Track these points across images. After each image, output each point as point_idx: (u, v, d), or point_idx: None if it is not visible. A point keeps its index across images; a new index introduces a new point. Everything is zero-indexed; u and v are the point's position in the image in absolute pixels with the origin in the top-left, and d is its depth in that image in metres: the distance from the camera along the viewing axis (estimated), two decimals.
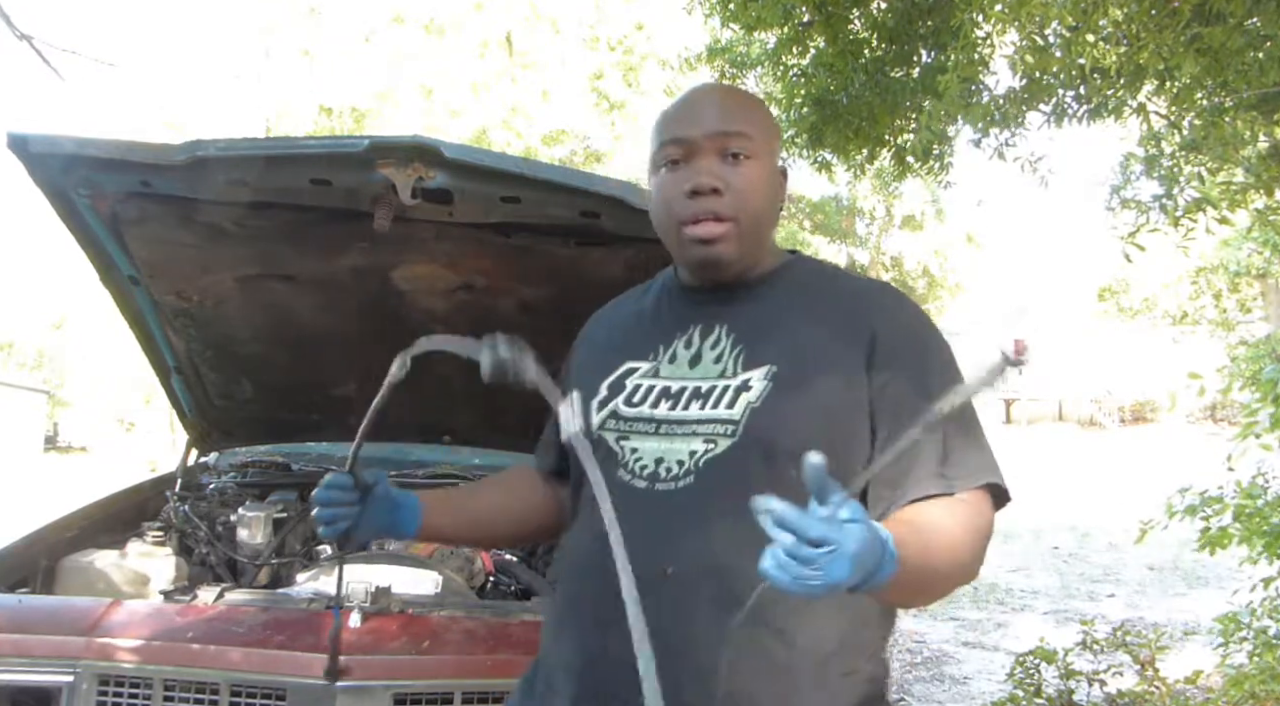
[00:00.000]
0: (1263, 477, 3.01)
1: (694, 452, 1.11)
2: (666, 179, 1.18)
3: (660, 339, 1.22)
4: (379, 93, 14.04)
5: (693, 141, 1.16)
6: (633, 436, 1.17)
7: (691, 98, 1.24)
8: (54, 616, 1.84)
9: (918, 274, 26.07)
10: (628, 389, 1.20)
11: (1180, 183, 3.35)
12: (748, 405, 1.11)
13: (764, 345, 1.16)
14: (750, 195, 1.16)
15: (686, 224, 1.15)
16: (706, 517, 1.09)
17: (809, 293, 1.21)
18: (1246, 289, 18.52)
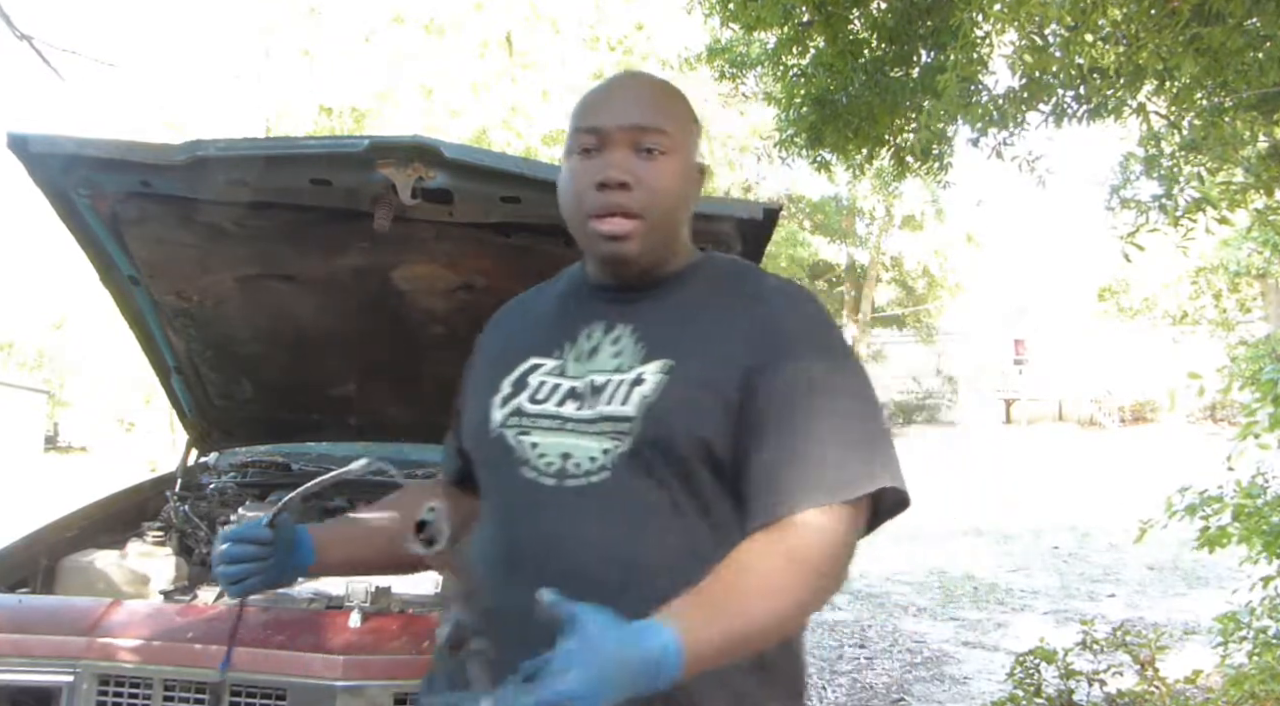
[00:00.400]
0: (1262, 477, 3.01)
1: (606, 450, 1.08)
2: (577, 167, 1.14)
3: (565, 336, 1.19)
4: (379, 93, 14.04)
5: (606, 132, 1.12)
6: (534, 432, 1.13)
7: (611, 86, 1.22)
8: (54, 616, 1.85)
9: (918, 274, 26.07)
10: (531, 386, 1.17)
11: (1180, 183, 3.35)
12: (642, 399, 1.09)
13: (663, 340, 1.13)
14: (661, 192, 1.13)
15: (593, 217, 1.12)
16: (616, 514, 1.07)
17: (717, 291, 1.19)
18: (1246, 289, 18.53)
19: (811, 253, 23.96)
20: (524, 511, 1.11)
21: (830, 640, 5.48)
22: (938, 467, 16.26)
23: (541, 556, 1.07)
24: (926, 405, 26.04)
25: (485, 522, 1.19)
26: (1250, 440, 2.85)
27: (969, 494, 12.57)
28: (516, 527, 1.12)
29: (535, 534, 1.09)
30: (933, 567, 7.81)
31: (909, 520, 4.38)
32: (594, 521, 1.07)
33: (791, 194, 23.04)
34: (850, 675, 4.81)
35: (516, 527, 1.12)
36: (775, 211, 1.97)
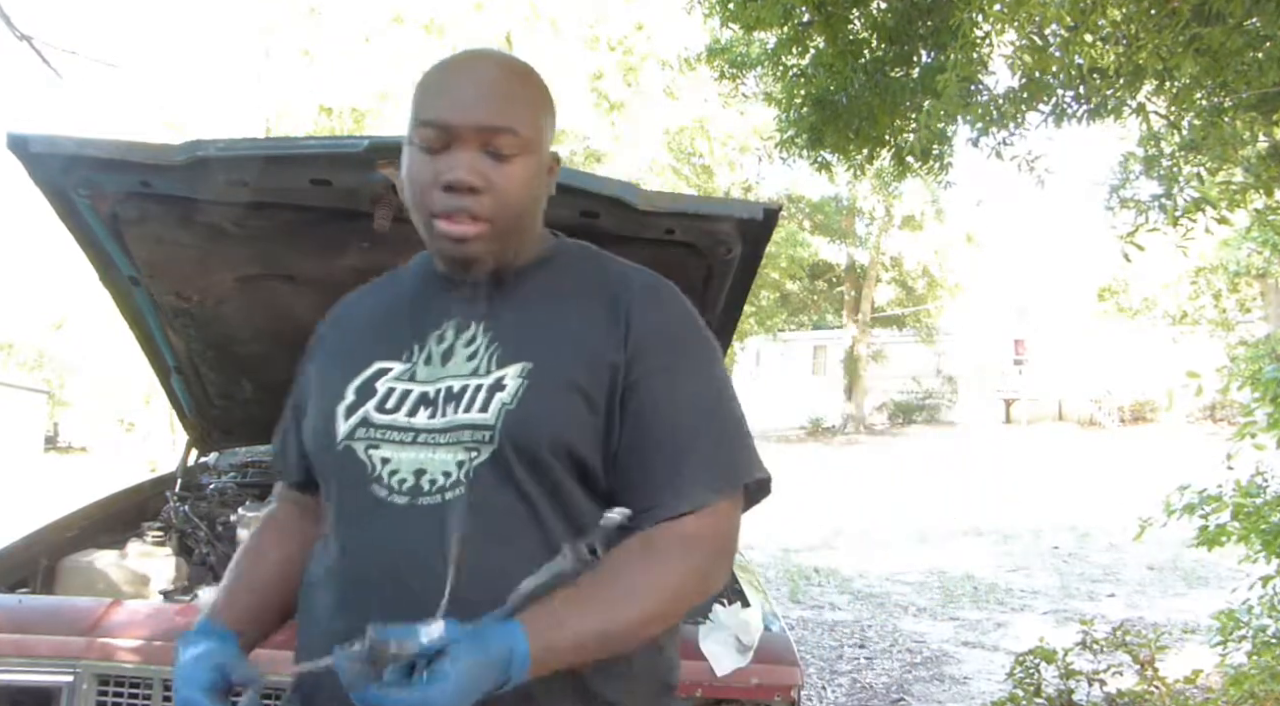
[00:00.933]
0: (1261, 476, 3.01)
1: (461, 463, 1.02)
2: (420, 161, 1.05)
3: (414, 337, 1.11)
4: (379, 93, 14.05)
5: (453, 129, 1.03)
6: (384, 445, 1.05)
7: (458, 73, 1.08)
8: (54, 616, 1.85)
9: (918, 274, 26.08)
10: (379, 393, 1.08)
11: (1180, 183, 3.36)
12: (501, 406, 1.03)
13: (520, 340, 1.07)
14: (511, 195, 1.05)
15: (438, 217, 1.04)
16: (476, 531, 1.00)
17: (571, 280, 1.13)
18: (1246, 289, 18.54)
19: (811, 253, 23.97)
20: (373, 532, 1.03)
21: (830, 640, 5.49)
22: (938, 467, 16.27)
23: (395, 580, 1.00)
24: (926, 405, 26.05)
25: (328, 540, 1.10)
26: (1248, 440, 2.85)
27: (969, 494, 12.58)
28: (364, 549, 1.04)
29: (386, 557, 1.02)
30: (933, 567, 7.81)
31: (909, 520, 4.43)
32: (452, 538, 0.99)
33: (791, 194, 23.06)
34: (850, 675, 4.81)
35: (364, 549, 1.04)
36: (775, 211, 1.97)
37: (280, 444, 1.27)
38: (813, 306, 27.47)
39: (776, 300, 24.86)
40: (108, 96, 16.26)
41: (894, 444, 21.82)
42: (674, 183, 17.10)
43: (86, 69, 3.72)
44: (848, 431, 24.10)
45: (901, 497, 12.29)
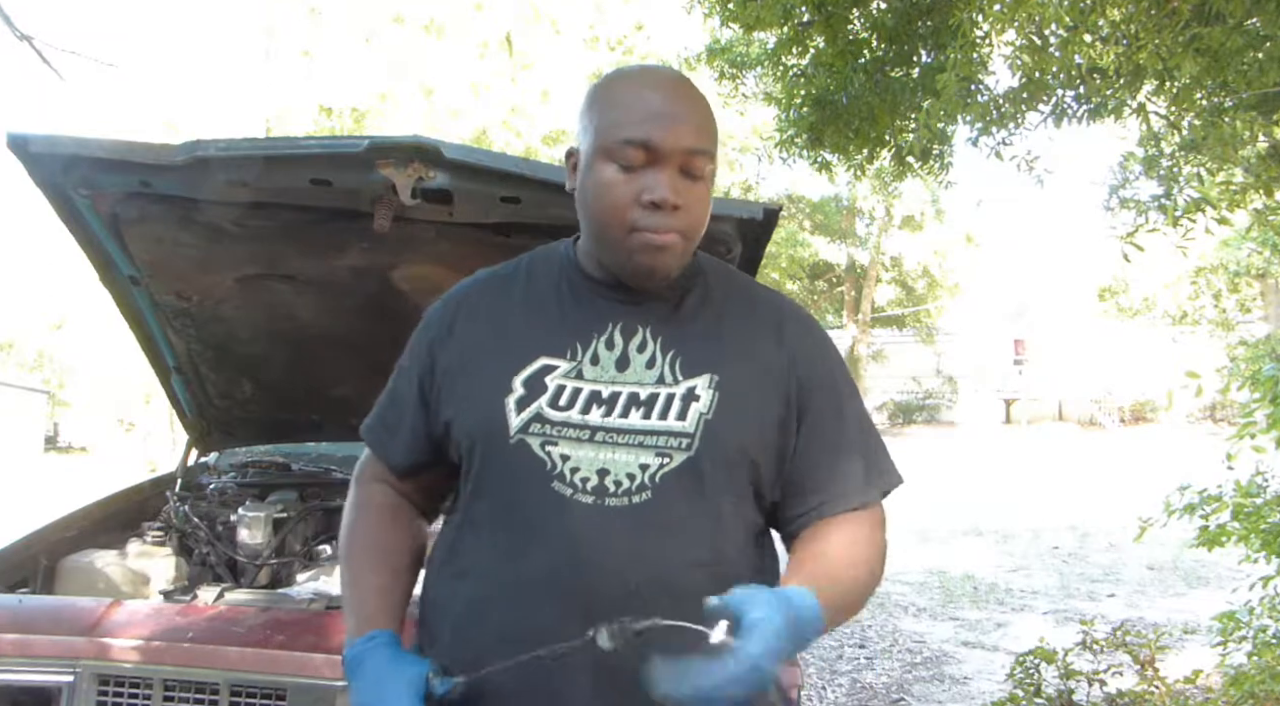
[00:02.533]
0: (1261, 476, 3.01)
1: (645, 466, 1.06)
2: (618, 179, 1.08)
3: (575, 336, 1.13)
4: (379, 93, 14.04)
5: (662, 152, 1.07)
6: (561, 442, 1.07)
7: (661, 93, 1.11)
8: (54, 616, 1.85)
9: (918, 274, 26.09)
10: (550, 389, 1.10)
11: (1179, 183, 3.36)
12: (700, 416, 1.08)
13: (697, 351, 1.12)
14: (702, 216, 1.12)
15: (635, 232, 1.08)
16: (667, 533, 1.05)
17: (726, 298, 1.19)
18: (1246, 289, 18.55)
19: (812, 253, 23.99)
20: (558, 529, 1.05)
21: (830, 640, 5.48)
22: (938, 467, 16.27)
23: (579, 579, 1.03)
24: (926, 405, 26.06)
25: (494, 534, 1.10)
26: (1247, 440, 2.85)
27: (969, 494, 12.58)
28: (548, 546, 1.05)
29: (574, 555, 1.04)
30: (933, 567, 7.81)
31: (909, 520, 4.43)
32: (637, 541, 1.04)
33: (791, 194, 23.06)
34: (850, 675, 4.81)
35: (548, 546, 1.05)
36: (775, 211, 1.97)
37: (390, 421, 1.24)
38: (813, 306, 27.46)
39: None
40: (108, 96, 16.26)
41: (894, 444, 21.56)
42: None
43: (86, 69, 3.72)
44: None
45: (901, 497, 12.25)
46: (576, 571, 1.03)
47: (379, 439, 1.25)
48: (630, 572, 1.03)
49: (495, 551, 1.09)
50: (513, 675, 1.01)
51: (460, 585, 1.11)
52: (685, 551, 1.06)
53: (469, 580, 1.11)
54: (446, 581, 1.14)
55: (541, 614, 1.04)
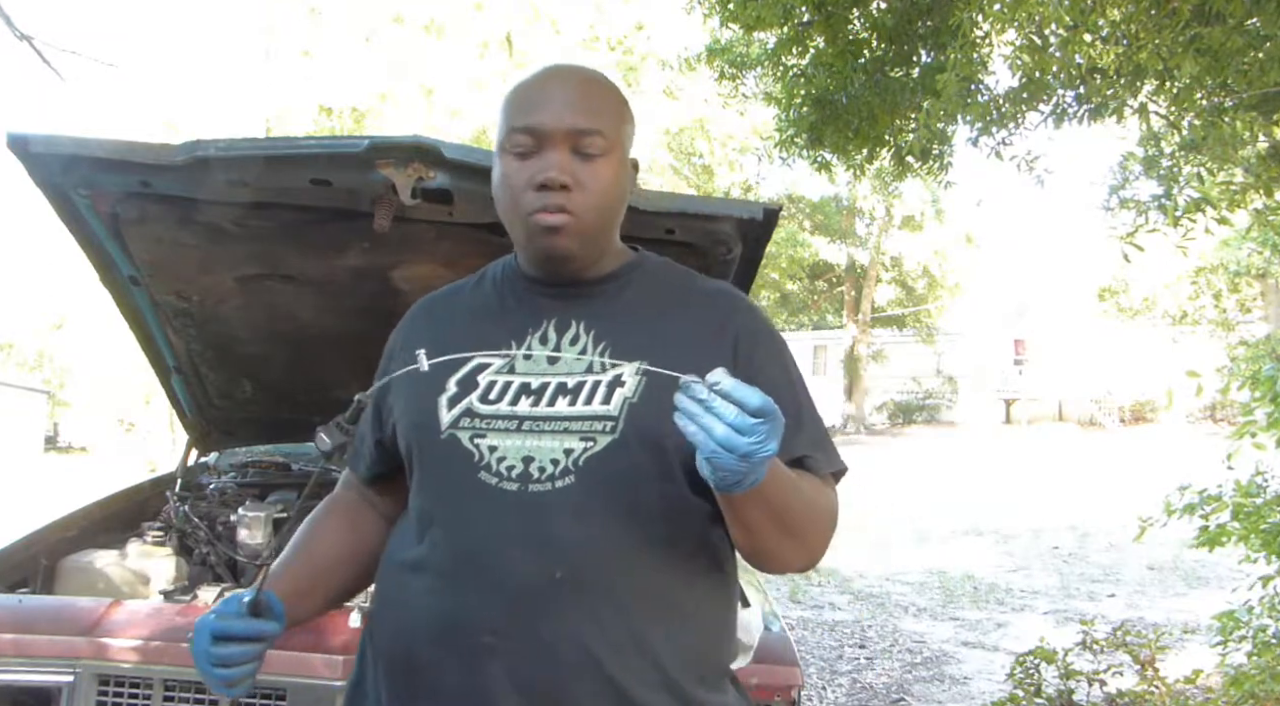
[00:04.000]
0: (1261, 476, 3.01)
1: (569, 450, 1.07)
2: (514, 167, 1.12)
3: (511, 334, 1.16)
4: (379, 93, 14.05)
5: (544, 133, 1.10)
6: (490, 434, 1.10)
7: (546, 83, 1.15)
8: (54, 616, 1.84)
9: (918, 274, 26.09)
10: (481, 385, 1.13)
11: (1180, 183, 3.36)
12: (625, 400, 1.09)
13: (628, 340, 1.13)
14: (598, 194, 1.12)
15: (532, 214, 1.11)
16: (591, 517, 1.05)
17: (663, 289, 1.21)
18: (1246, 289, 18.56)
19: (812, 253, 23.99)
20: (482, 517, 1.07)
21: (830, 640, 5.49)
22: (938, 467, 16.27)
23: (502, 564, 1.05)
24: (926, 405, 26.06)
25: (422, 526, 1.13)
26: (1247, 439, 2.85)
27: (969, 494, 12.58)
28: (472, 534, 1.08)
29: (496, 541, 1.05)
30: (933, 567, 7.81)
31: (909, 520, 4.43)
32: (561, 526, 1.05)
33: (791, 194, 23.07)
34: (850, 675, 4.81)
35: (472, 534, 1.08)
36: (775, 211, 1.97)
37: (356, 441, 1.28)
38: (813, 306, 27.48)
39: (777, 300, 24.88)
40: (108, 96, 16.26)
41: (894, 444, 21.82)
42: (674, 183, 17.11)
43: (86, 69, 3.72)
44: (848, 431, 24.11)
45: (901, 497, 12.29)
46: (499, 558, 1.05)
47: (351, 457, 1.32)
48: (553, 557, 1.04)
49: (427, 544, 1.11)
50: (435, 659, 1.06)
51: (398, 578, 1.14)
52: (610, 533, 1.06)
53: (405, 573, 1.13)
54: (387, 575, 1.17)
55: (467, 602, 1.05)
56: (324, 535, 1.27)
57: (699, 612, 1.13)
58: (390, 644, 1.12)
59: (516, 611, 1.03)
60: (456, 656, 1.05)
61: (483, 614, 1.04)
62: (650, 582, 1.07)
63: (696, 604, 1.12)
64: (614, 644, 1.04)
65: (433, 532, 1.11)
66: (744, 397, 0.88)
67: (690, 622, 1.11)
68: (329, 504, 1.32)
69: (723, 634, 1.18)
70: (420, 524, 1.14)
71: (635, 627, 1.06)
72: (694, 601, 1.12)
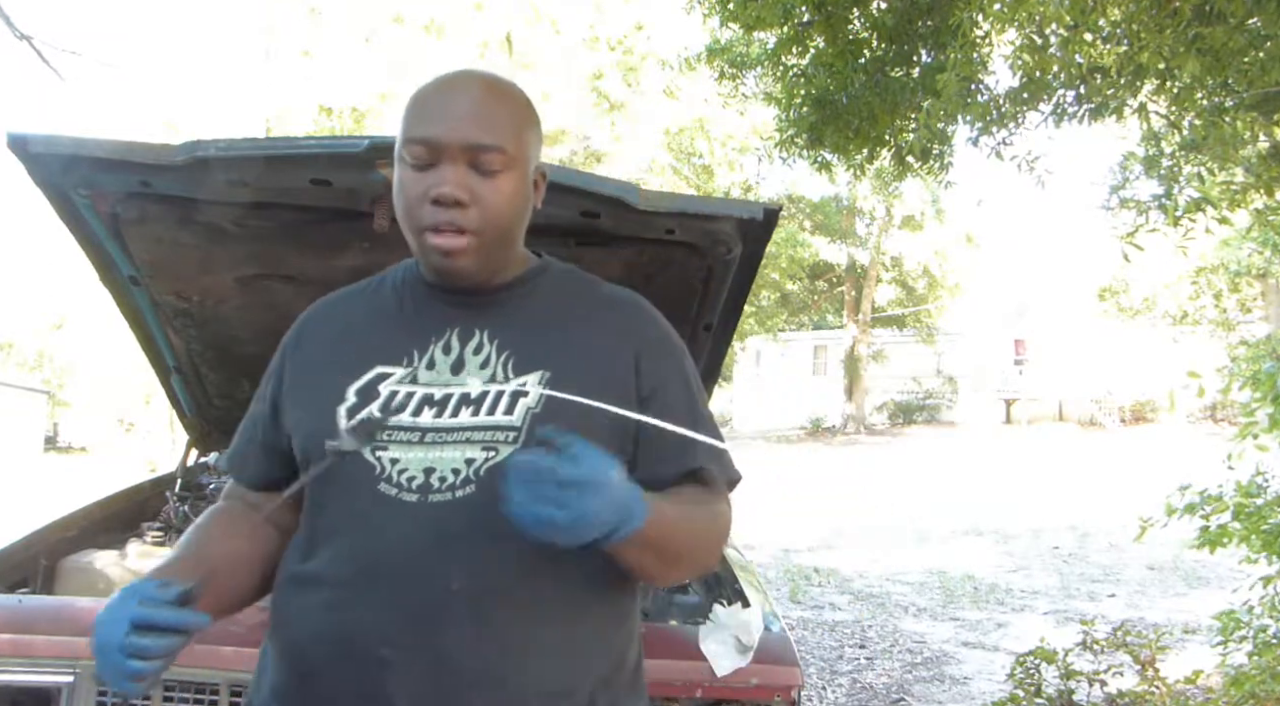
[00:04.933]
0: (1261, 476, 3.01)
1: (471, 460, 1.05)
2: (410, 178, 1.09)
3: (413, 342, 1.14)
4: (379, 93, 14.05)
5: (441, 146, 1.07)
6: (392, 446, 1.07)
7: (446, 93, 1.11)
8: (54, 616, 1.84)
9: (918, 274, 26.09)
10: (382, 396, 1.10)
11: (1180, 182, 3.36)
12: (528, 410, 1.08)
13: (531, 350, 1.12)
14: (497, 210, 1.09)
15: (427, 231, 1.08)
16: (490, 527, 1.00)
17: (567, 298, 1.20)
18: (1246, 289, 18.56)
19: (812, 253, 23.99)
20: (381, 528, 1.05)
21: (830, 640, 5.49)
22: (938, 467, 16.27)
23: (401, 575, 1.03)
24: (927, 405, 26.06)
25: (319, 538, 1.10)
26: (1249, 440, 2.85)
27: (969, 494, 12.58)
28: (370, 546, 1.05)
29: (395, 553, 1.03)
30: (933, 567, 7.81)
31: (909, 520, 4.44)
32: (460, 536, 1.03)
33: (791, 194, 23.07)
34: (850, 675, 4.81)
35: (370, 546, 1.05)
36: (775, 211, 1.97)
37: (241, 444, 1.26)
38: (813, 306, 27.48)
39: (777, 300, 24.88)
40: (108, 96, 16.28)
41: (894, 444, 21.82)
42: (674, 183, 17.11)
43: (86, 69, 3.75)
44: (848, 431, 24.11)
45: (901, 497, 12.29)
46: (397, 569, 1.03)
47: (234, 462, 1.26)
48: (451, 567, 1.02)
49: (324, 558, 1.08)
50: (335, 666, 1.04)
51: (292, 593, 1.11)
52: (509, 543, 0.99)
53: (299, 587, 1.10)
54: (283, 590, 1.13)
55: (364, 616, 1.03)
56: (216, 539, 1.18)
57: (600, 620, 1.11)
58: (286, 660, 1.09)
59: (413, 623, 1.01)
60: (353, 670, 1.02)
61: (379, 627, 1.02)
62: (549, 591, 1.05)
63: (597, 611, 1.11)
64: (512, 653, 1.03)
65: (329, 546, 1.09)
66: (553, 467, 0.89)
67: (591, 630, 1.10)
68: (213, 513, 1.24)
69: (628, 642, 1.15)
70: (315, 537, 1.11)
71: (534, 636, 1.04)
72: (594, 609, 1.10)
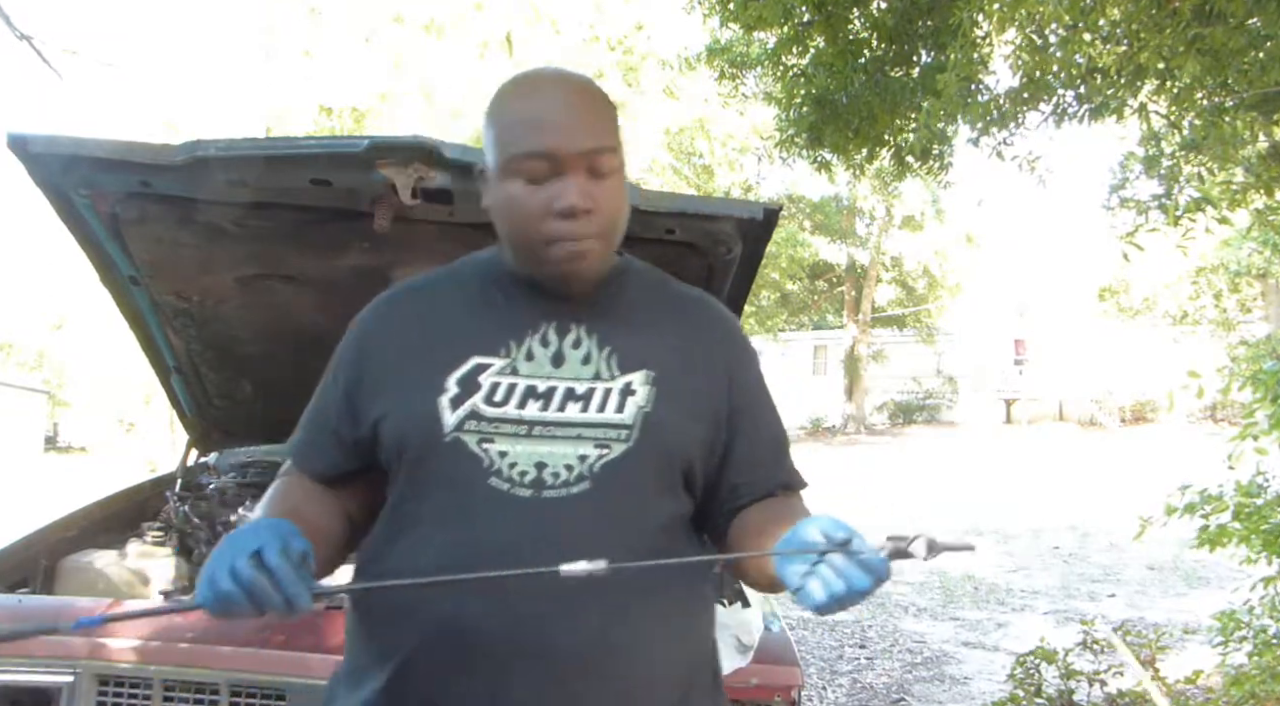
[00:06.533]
0: (1262, 476, 3.01)
1: (584, 457, 1.07)
2: (525, 193, 1.07)
3: (508, 334, 1.13)
4: (379, 93, 14.05)
5: (561, 157, 1.06)
6: (499, 439, 1.07)
7: (549, 100, 1.10)
8: (54, 616, 1.84)
9: (918, 274, 26.07)
10: (484, 387, 1.09)
11: (1180, 182, 3.36)
12: (639, 409, 1.09)
13: (632, 348, 1.13)
14: (614, 212, 1.11)
15: (553, 243, 1.08)
16: (606, 524, 1.05)
17: (654, 297, 1.22)
18: (1246, 289, 18.56)
19: (812, 253, 23.97)
20: (496, 524, 1.05)
21: (830, 640, 5.49)
22: (938, 468, 16.27)
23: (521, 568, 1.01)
24: (926, 405, 26.04)
25: (433, 532, 1.08)
26: (1249, 441, 2.84)
27: (969, 494, 12.58)
28: (486, 540, 1.04)
29: (513, 549, 1.02)
30: (933, 567, 7.80)
31: (909, 520, 4.44)
32: (575, 531, 1.03)
33: (791, 194, 23.05)
34: (850, 675, 4.81)
35: (486, 540, 1.04)
36: (775, 211, 1.97)
37: (310, 435, 1.21)
38: (813, 306, 27.45)
39: (777, 300, 24.85)
40: (108, 96, 16.27)
41: (894, 444, 21.81)
42: (674, 183, 17.10)
43: (86, 69, 3.74)
44: (848, 431, 24.09)
45: (902, 497, 12.28)
46: (515, 564, 1.01)
47: (303, 453, 1.21)
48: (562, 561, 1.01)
49: (434, 549, 1.07)
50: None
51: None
52: (624, 541, 1.05)
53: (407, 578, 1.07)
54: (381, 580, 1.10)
55: (482, 609, 1.03)
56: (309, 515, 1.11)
57: (701, 614, 1.16)
58: (394, 644, 1.08)
59: (531, 618, 1.02)
60: (472, 665, 1.03)
61: (496, 622, 1.03)
62: (660, 587, 1.07)
63: (697, 606, 1.15)
64: (629, 648, 1.05)
65: (431, 540, 1.07)
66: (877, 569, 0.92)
67: (694, 624, 1.14)
68: (294, 486, 1.18)
69: (714, 636, 1.20)
70: (411, 528, 1.10)
71: (649, 631, 1.07)
72: (695, 604, 1.15)
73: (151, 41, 25.80)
